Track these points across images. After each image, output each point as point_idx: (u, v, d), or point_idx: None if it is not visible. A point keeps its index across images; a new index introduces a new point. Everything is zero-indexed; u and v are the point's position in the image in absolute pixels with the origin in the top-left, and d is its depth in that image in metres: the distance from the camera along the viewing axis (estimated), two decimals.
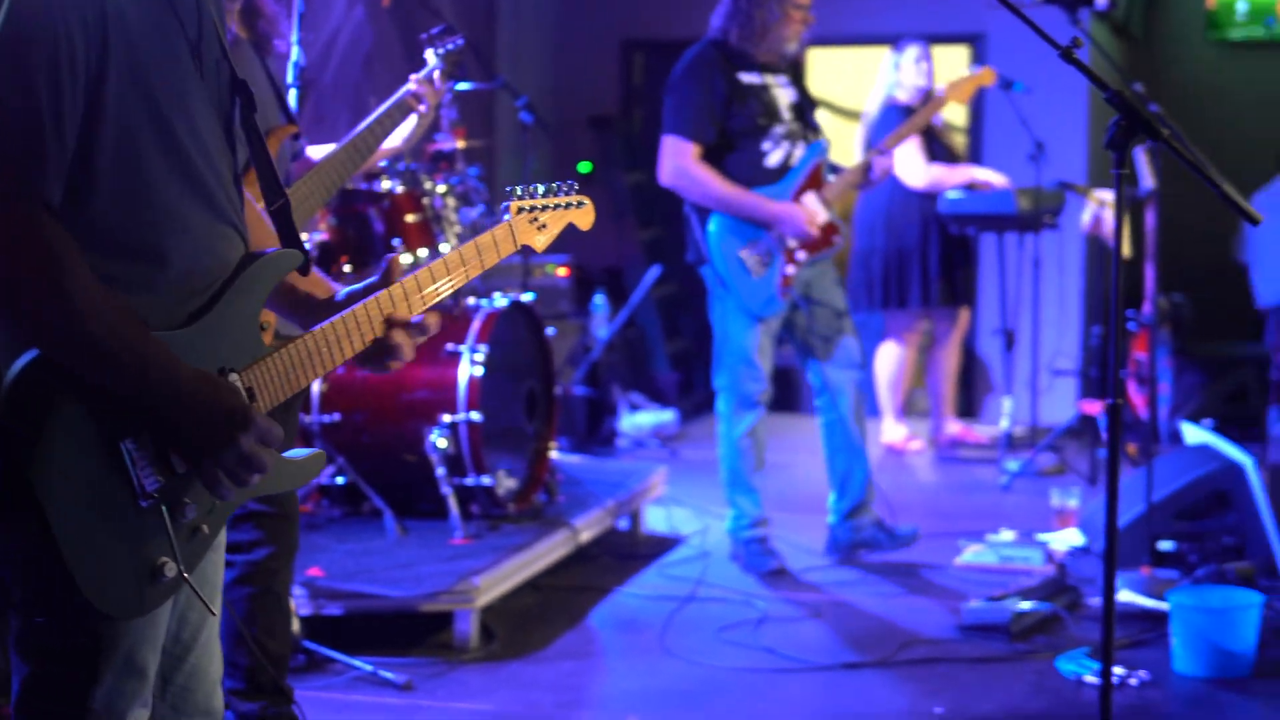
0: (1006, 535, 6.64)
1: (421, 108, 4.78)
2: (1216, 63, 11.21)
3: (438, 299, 2.70)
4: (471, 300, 6.23)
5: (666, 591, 6.01)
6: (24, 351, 2.23)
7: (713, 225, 6.12)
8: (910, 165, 8.21)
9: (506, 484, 6.05)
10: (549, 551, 5.88)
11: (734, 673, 5.13)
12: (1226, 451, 6.04)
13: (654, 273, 9.17)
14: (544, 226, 2.90)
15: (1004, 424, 8.47)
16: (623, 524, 6.81)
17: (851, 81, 12.69)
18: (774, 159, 6.18)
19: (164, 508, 2.33)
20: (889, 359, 8.72)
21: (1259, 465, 5.90)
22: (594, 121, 10.76)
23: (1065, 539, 6.43)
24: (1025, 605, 5.40)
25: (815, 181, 6.20)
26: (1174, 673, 4.97)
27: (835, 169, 6.41)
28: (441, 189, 6.34)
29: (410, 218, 6.08)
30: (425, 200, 6.17)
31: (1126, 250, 7.91)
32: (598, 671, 5.24)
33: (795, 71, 6.38)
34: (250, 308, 2.48)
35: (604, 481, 6.80)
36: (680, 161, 6.09)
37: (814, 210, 6.12)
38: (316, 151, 4.62)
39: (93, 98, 2.26)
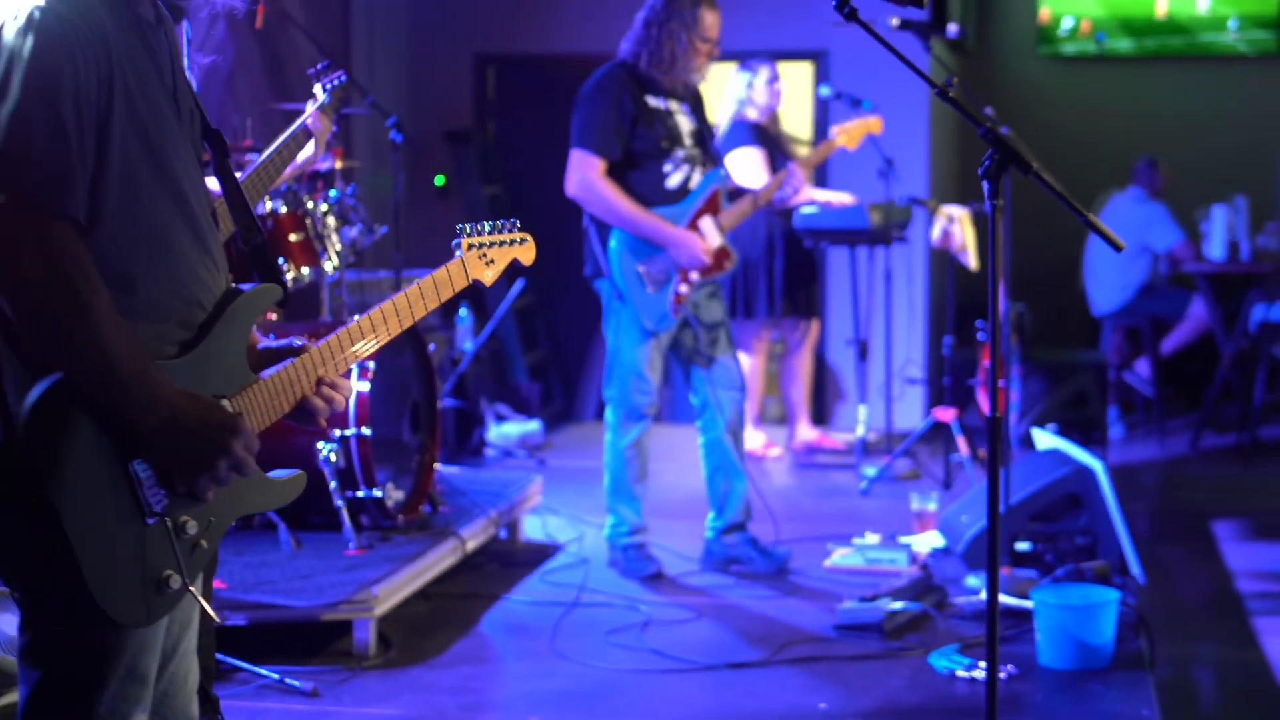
0: (871, 538, 6.95)
1: (312, 147, 4.95)
2: (1048, 77, 11.68)
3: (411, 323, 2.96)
4: (355, 318, 6.38)
5: (551, 597, 6.24)
6: (43, 371, 2.40)
7: (613, 241, 6.32)
8: (755, 180, 8.50)
9: (394, 495, 6.23)
10: (439, 560, 6.07)
11: (626, 674, 5.36)
12: (1077, 456, 6.40)
13: (518, 286, 9.37)
14: (492, 262, 3.15)
15: (860, 431, 8.81)
16: (502, 533, 7.01)
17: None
18: (674, 180, 6.40)
19: (169, 523, 2.54)
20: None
21: (1106, 468, 6.26)
22: (449, 135, 10.93)
23: (927, 541, 6.75)
24: (896, 605, 5.71)
25: (712, 206, 6.45)
26: (1039, 666, 5.29)
27: (734, 194, 6.69)
28: (323, 208, 6.50)
29: (294, 236, 6.25)
30: (307, 219, 6.33)
31: (975, 263, 8.27)
32: (495, 675, 5.45)
33: (696, 100, 6.61)
34: (238, 339, 2.69)
35: (485, 491, 6.99)
36: (586, 175, 6.28)
37: (709, 234, 6.38)
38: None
39: (101, 134, 2.45)
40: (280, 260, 6.12)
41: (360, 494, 6.03)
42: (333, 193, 6.81)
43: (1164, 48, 11.58)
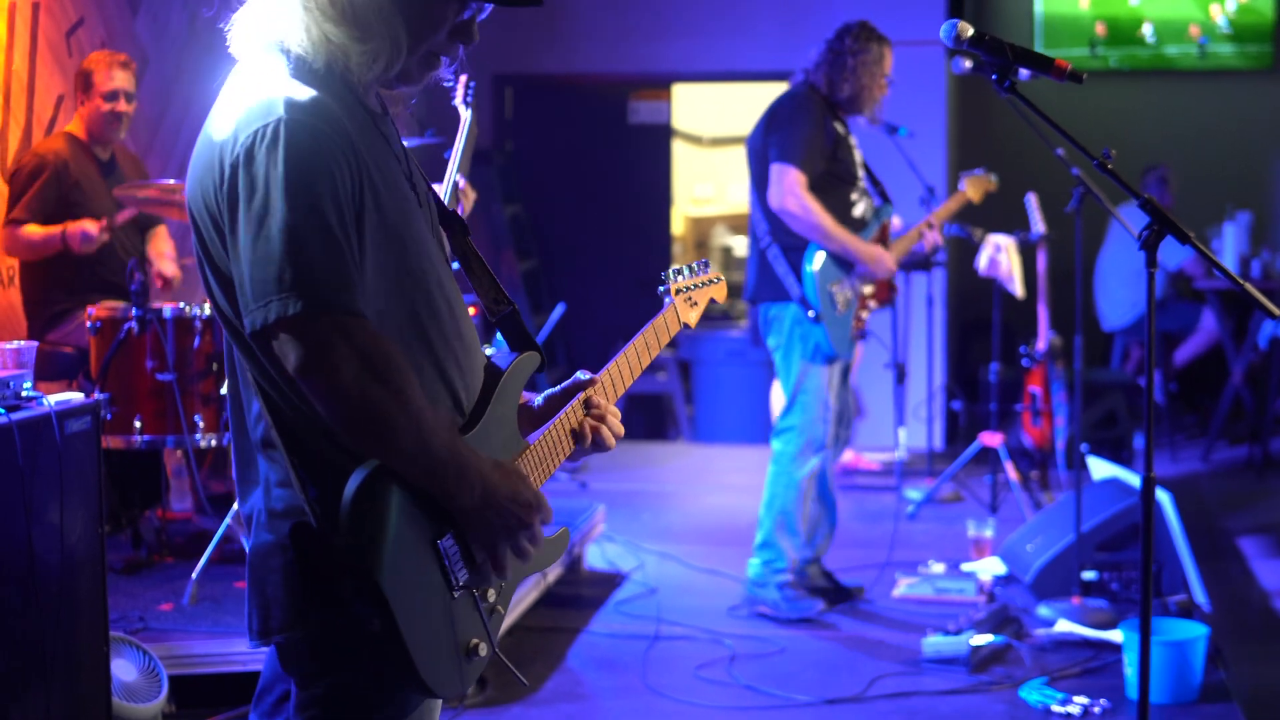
0: (937, 567, 7.07)
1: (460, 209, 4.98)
2: (1047, 89, 11.74)
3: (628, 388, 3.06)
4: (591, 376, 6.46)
5: (631, 630, 6.34)
6: (358, 461, 2.48)
7: (814, 262, 6.27)
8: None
9: None
10: (525, 596, 6.16)
11: (724, 711, 5.46)
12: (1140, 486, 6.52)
13: (559, 310, 9.45)
14: (695, 304, 3.28)
15: (900, 453, 8.94)
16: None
17: (712, 115, 13.15)
18: (858, 210, 6.47)
19: (474, 594, 2.63)
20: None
21: (1173, 499, 6.40)
22: (471, 155, 10.98)
23: (988, 568, 6.88)
24: (981, 640, 5.83)
25: (883, 240, 6.55)
26: (1129, 700, 5.42)
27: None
28: None
29: None
30: None
31: (1021, 291, 8.40)
32: (595, 714, 5.52)
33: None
34: (511, 408, 2.78)
35: (555, 522, 7.01)
36: (794, 189, 6.22)
37: (888, 253, 6.48)
38: None
39: (359, 233, 2.51)
40: None
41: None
42: None
43: (1152, 61, 11.73)
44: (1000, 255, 8.22)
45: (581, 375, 2.96)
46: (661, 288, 3.20)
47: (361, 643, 2.53)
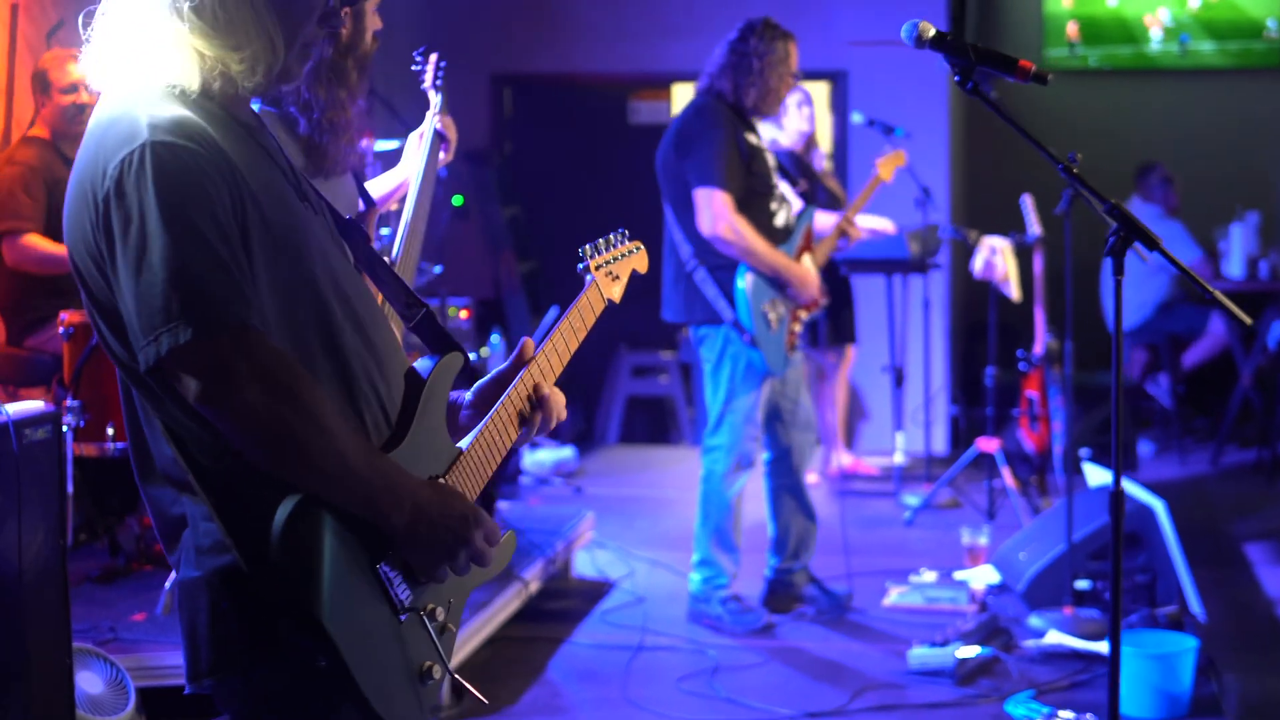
0: (928, 575, 6.97)
1: (445, 156, 4.76)
2: (1052, 89, 11.63)
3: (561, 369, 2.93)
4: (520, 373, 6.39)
5: (615, 640, 6.25)
6: (283, 494, 2.36)
7: (744, 281, 6.16)
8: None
9: None
10: (505, 606, 6.07)
11: None
12: (1136, 494, 6.42)
13: (553, 312, 9.37)
14: (617, 278, 3.15)
15: (898, 458, 8.84)
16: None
17: None
18: (780, 219, 6.36)
19: (421, 615, 2.52)
20: None
21: (1167, 507, 6.29)
22: (467, 156, 10.93)
23: (981, 577, 6.77)
24: (968, 652, 5.72)
25: (807, 244, 6.44)
26: (1120, 715, 5.31)
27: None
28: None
29: None
30: None
31: (1018, 294, 8.30)
32: None
33: None
34: (438, 415, 2.65)
35: (539, 530, 6.98)
36: (723, 212, 6.09)
37: (814, 273, 6.38)
38: None
39: (245, 246, 2.38)
40: None
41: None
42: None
43: (1155, 59, 11.61)
44: (996, 258, 8.12)
45: (505, 364, 2.85)
46: (580, 265, 3.06)
47: (307, 682, 2.43)
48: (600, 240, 3.12)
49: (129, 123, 2.36)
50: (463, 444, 2.69)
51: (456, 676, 2.63)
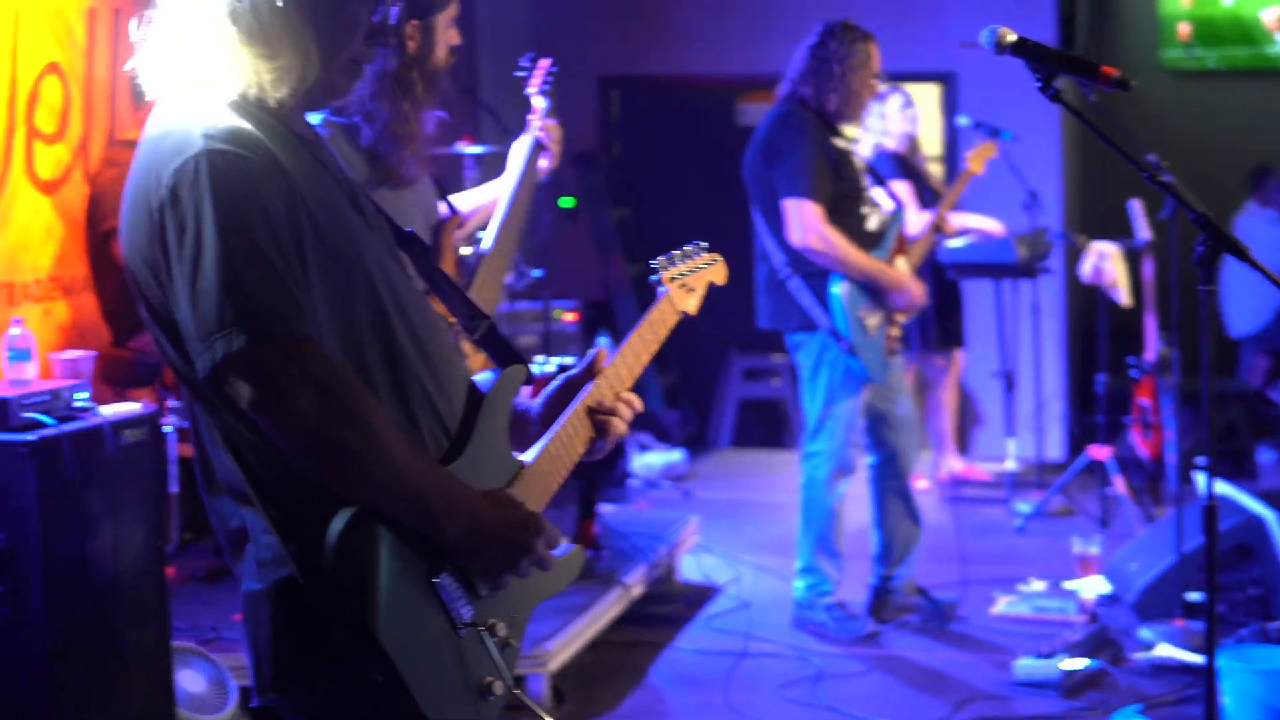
0: (1037, 585, 6.85)
1: (546, 162, 4.72)
2: (1167, 91, 11.38)
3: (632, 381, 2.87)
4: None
5: (718, 646, 6.20)
6: (339, 507, 2.33)
7: (839, 288, 6.08)
8: (906, 213, 8.42)
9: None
10: (607, 610, 6.05)
11: None
12: (1247, 505, 6.29)
13: None
14: (692, 290, 3.07)
15: (1010, 464, 8.72)
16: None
17: None
18: (871, 224, 6.28)
19: (480, 631, 2.48)
20: None
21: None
22: (575, 158, 10.92)
23: (1092, 586, 6.64)
24: (1075, 664, 5.62)
25: (901, 247, 6.37)
26: None
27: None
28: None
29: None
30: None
31: (1128, 299, 8.17)
32: None
33: None
34: (500, 429, 2.61)
35: (643, 533, 6.95)
36: (813, 223, 6.03)
37: (910, 276, 6.31)
38: None
39: (300, 258, 2.37)
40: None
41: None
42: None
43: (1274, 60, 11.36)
44: (1105, 263, 7.99)
45: (573, 371, 2.81)
46: (653, 277, 3.01)
47: (365, 697, 2.40)
48: (675, 251, 3.06)
49: (183, 132, 2.35)
50: (526, 457, 2.66)
51: (519, 694, 2.57)
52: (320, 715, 2.47)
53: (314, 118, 4.03)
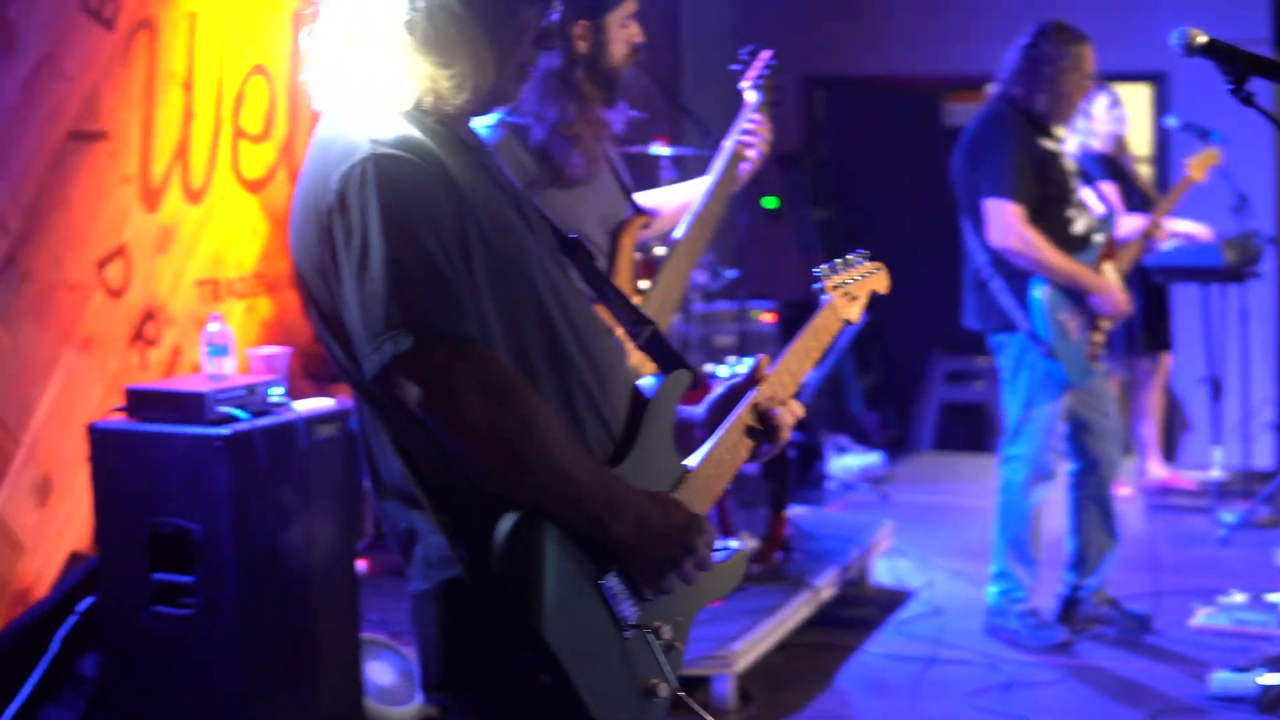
0: (1239, 597, 6.68)
1: (753, 154, 4.63)
2: None
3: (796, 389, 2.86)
4: (709, 367, 6.40)
5: (907, 651, 6.16)
6: (507, 508, 2.35)
7: (1040, 290, 6.02)
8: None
9: (749, 545, 6.21)
10: (795, 613, 6.04)
11: None
12: None
13: (860, 319, 9.27)
14: (855, 298, 3.07)
15: (1215, 473, 8.52)
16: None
17: None
18: (1078, 227, 6.19)
19: (645, 634, 2.49)
20: None
21: None
22: (779, 159, 10.89)
23: None
24: (1274, 679, 5.48)
25: (1110, 251, 6.27)
26: None
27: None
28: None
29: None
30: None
31: None
32: None
33: None
34: (664, 433, 2.62)
35: (835, 536, 6.93)
36: (1014, 225, 5.97)
37: (1116, 282, 6.22)
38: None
39: (466, 261, 2.38)
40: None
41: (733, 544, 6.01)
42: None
43: None
44: None
45: (737, 379, 2.80)
46: (815, 285, 3.00)
47: (531, 698, 2.42)
48: (838, 260, 3.07)
49: (352, 137, 2.38)
50: (690, 462, 2.66)
51: (685, 697, 2.58)
52: (486, 715, 2.49)
53: (490, 118, 4.13)
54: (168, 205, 5.68)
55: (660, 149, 7.34)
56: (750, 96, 4.79)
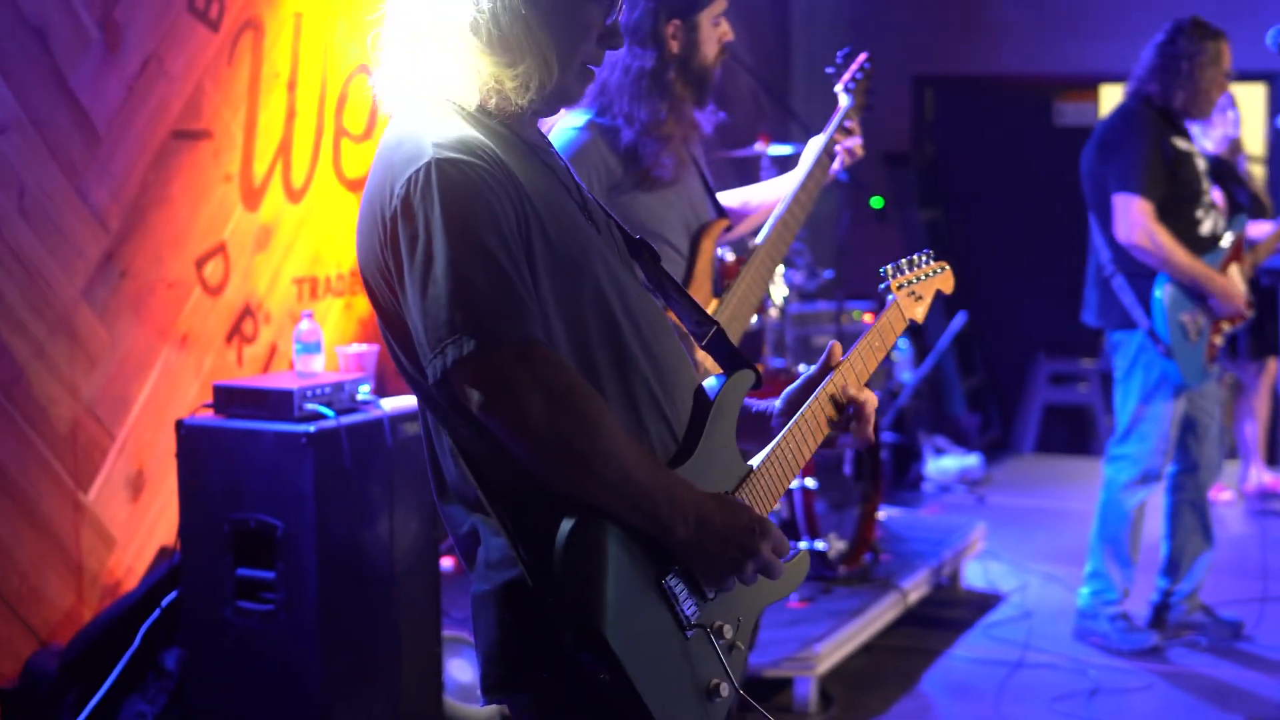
0: None
1: (841, 159, 4.60)
2: None
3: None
4: (801, 367, 6.42)
5: (994, 655, 6.14)
6: (569, 511, 2.37)
7: (1162, 290, 5.98)
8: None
9: (837, 546, 6.23)
10: (880, 615, 6.05)
11: None
12: None
13: (959, 319, 9.25)
14: (920, 298, 3.05)
15: None
16: (942, 579, 6.93)
17: None
18: (1206, 228, 6.15)
19: (707, 632, 2.51)
20: None
21: None
22: (887, 158, 10.88)
23: None
24: None
25: (1237, 254, 6.23)
26: None
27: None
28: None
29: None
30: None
31: None
32: None
33: None
34: (727, 433, 2.63)
35: (926, 539, 6.93)
36: (1141, 220, 5.93)
37: (1240, 284, 6.17)
38: None
39: (529, 263, 2.41)
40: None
41: (803, 545, 6.05)
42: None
43: None
44: None
45: (811, 370, 2.80)
46: (881, 285, 3.01)
47: (591, 699, 2.43)
48: (903, 260, 3.05)
49: (415, 142, 2.41)
50: (754, 462, 2.67)
51: (746, 696, 2.59)
52: (547, 716, 2.50)
53: (578, 119, 4.18)
54: (268, 204, 5.79)
55: (764, 149, 7.36)
56: (843, 99, 4.76)
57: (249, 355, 5.68)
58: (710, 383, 2.70)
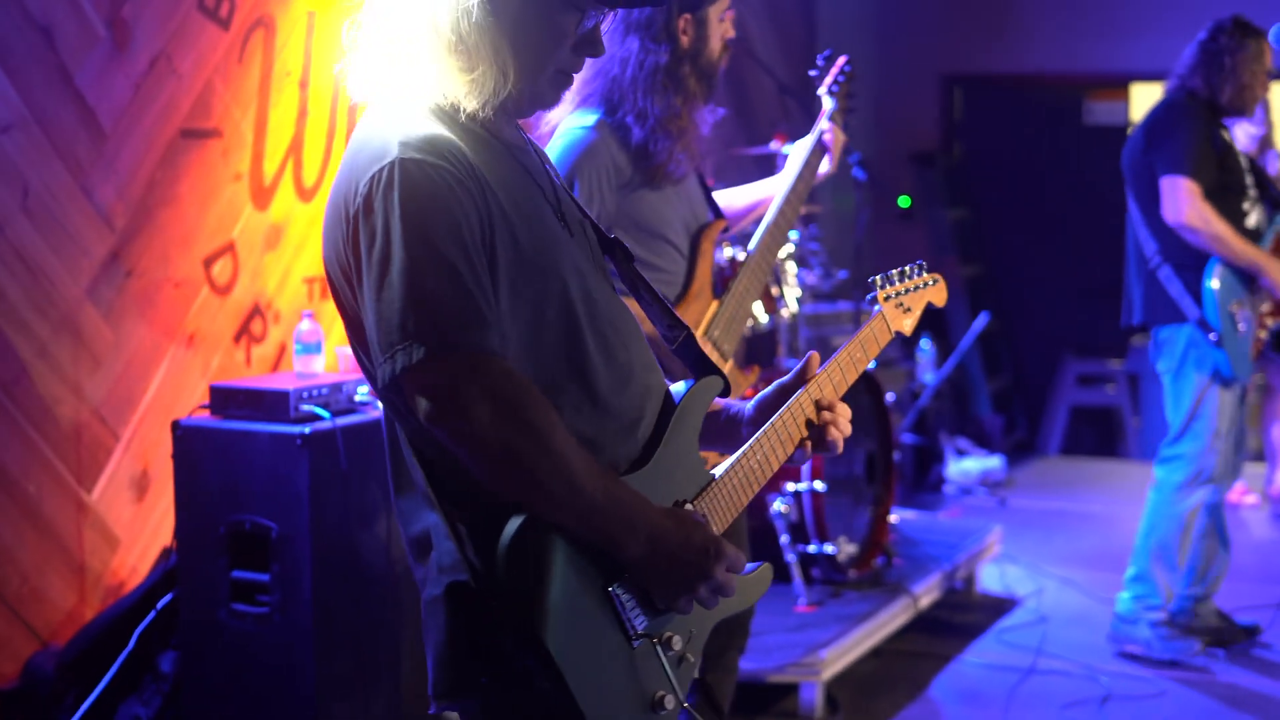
0: None
1: (827, 163, 4.60)
2: None
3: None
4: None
5: (1006, 661, 6.09)
6: (508, 510, 2.35)
7: (1216, 280, 5.90)
8: None
9: (847, 550, 6.18)
10: (890, 620, 6.00)
11: None
12: None
13: (982, 319, 9.19)
14: (909, 310, 3.02)
15: None
16: (957, 583, 6.87)
17: None
18: (1251, 220, 6.09)
19: (654, 643, 2.48)
20: None
21: None
22: (914, 157, 10.83)
23: None
24: None
25: (1277, 249, 6.15)
26: None
27: None
28: (783, 254, 6.46)
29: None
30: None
31: None
32: None
33: None
34: (690, 440, 2.61)
35: (940, 542, 6.87)
36: (1191, 200, 5.86)
37: None
38: None
39: (490, 266, 2.39)
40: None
41: (812, 549, 6.01)
42: (793, 234, 6.76)
43: None
44: None
45: (785, 378, 2.77)
46: (869, 295, 2.97)
47: (531, 705, 2.40)
48: (894, 271, 3.01)
49: (382, 140, 2.39)
50: (717, 471, 2.63)
51: (689, 708, 2.56)
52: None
53: (587, 118, 4.16)
54: (279, 203, 5.77)
55: (779, 147, 7.32)
56: (827, 103, 4.74)
57: (257, 355, 5.66)
58: (678, 388, 2.67)
